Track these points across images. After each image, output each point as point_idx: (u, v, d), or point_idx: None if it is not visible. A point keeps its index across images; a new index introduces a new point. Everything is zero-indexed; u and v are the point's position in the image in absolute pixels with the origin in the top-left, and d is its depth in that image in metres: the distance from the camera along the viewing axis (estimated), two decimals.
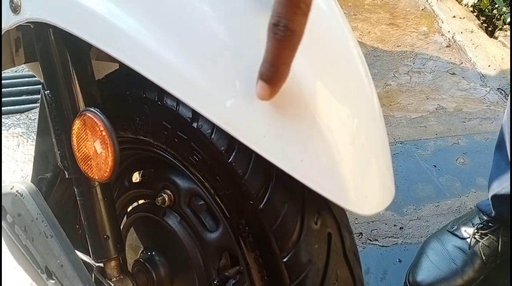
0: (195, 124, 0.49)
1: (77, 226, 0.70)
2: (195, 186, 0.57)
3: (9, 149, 1.52)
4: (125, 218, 0.69)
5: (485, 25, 2.10)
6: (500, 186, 0.94)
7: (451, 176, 1.31)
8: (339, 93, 0.44)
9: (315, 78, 0.42)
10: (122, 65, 0.68)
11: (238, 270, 0.58)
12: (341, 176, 0.40)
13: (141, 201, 0.69)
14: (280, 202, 0.45)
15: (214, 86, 0.41)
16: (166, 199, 0.59)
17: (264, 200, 0.45)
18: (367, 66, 0.49)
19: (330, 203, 0.48)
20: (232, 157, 0.46)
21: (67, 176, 0.55)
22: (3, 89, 1.81)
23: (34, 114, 1.67)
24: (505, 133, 0.92)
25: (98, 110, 0.47)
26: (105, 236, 0.56)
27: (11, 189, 0.58)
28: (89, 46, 0.58)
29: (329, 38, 0.47)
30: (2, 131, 1.60)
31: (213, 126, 0.48)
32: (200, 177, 0.51)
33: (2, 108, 1.72)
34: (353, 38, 0.49)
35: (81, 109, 0.50)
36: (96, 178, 0.48)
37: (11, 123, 1.63)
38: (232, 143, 0.47)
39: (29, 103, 1.75)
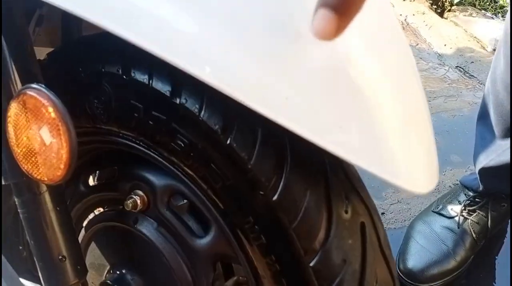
0: (177, 100, 0.37)
1: (21, 247, 0.56)
2: (175, 181, 0.45)
3: None
4: (82, 231, 0.55)
5: (434, 7, 2.11)
6: (488, 158, 0.89)
7: None
8: (386, 65, 0.35)
9: (357, 45, 0.33)
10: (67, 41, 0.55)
11: (236, 281, 0.47)
12: (391, 149, 0.30)
13: (100, 209, 0.56)
14: (299, 189, 0.35)
15: (213, 37, 0.29)
16: (138, 201, 0.46)
17: (279, 189, 0.35)
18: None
19: (357, 187, 0.38)
20: (231, 136, 0.35)
21: (3, 182, 0.41)
22: None
23: None
24: (489, 102, 0.88)
25: (42, 85, 0.34)
26: (60, 257, 0.43)
27: None
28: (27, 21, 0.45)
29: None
30: None
31: (202, 100, 0.36)
32: (186, 168, 0.40)
33: None
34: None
35: (18, 89, 0.37)
36: (46, 179, 0.35)
37: None
38: (230, 118, 0.36)
39: None
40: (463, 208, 0.96)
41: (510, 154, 0.81)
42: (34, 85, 0.34)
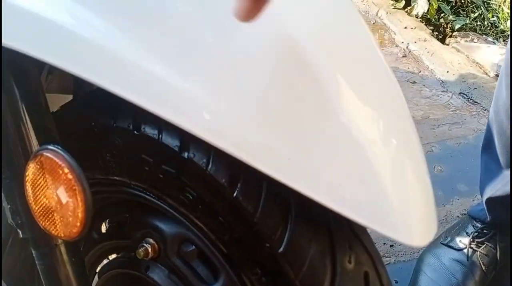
0: (185, 154, 0.39)
1: None
2: (184, 229, 0.47)
3: None
4: (95, 277, 0.56)
5: (436, 33, 2.15)
6: (494, 188, 0.89)
7: (431, 185, 1.27)
8: (375, 105, 0.37)
9: (344, 85, 0.35)
10: (80, 94, 0.58)
11: None
12: (390, 203, 0.31)
13: (113, 256, 0.57)
14: (304, 241, 0.36)
15: (215, 101, 0.32)
16: (149, 249, 0.48)
17: (284, 241, 0.36)
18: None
19: (360, 236, 0.39)
20: (237, 190, 0.37)
21: (21, 236, 0.43)
22: None
23: None
24: (493, 132, 0.89)
25: (58, 147, 0.36)
26: None
27: None
28: (39, 73, 0.48)
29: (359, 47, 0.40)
30: None
31: (209, 154, 0.38)
32: (195, 219, 0.41)
33: None
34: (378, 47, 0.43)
35: (35, 150, 0.39)
36: (62, 235, 0.37)
37: None
38: (236, 172, 0.37)
39: None
40: (472, 240, 0.96)
41: (510, 182, 0.82)
42: (51, 147, 0.36)
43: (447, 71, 1.79)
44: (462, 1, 2.29)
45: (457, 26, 2.11)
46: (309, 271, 0.36)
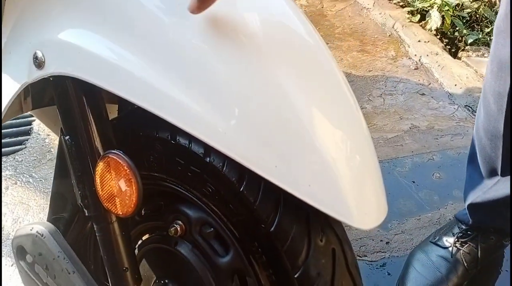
0: (207, 159, 0.54)
1: (89, 262, 0.74)
2: (205, 214, 0.62)
3: None
4: (136, 250, 0.73)
5: (448, 47, 2.25)
6: (475, 195, 1.02)
7: (429, 190, 1.40)
8: (333, 119, 0.51)
9: (312, 108, 0.49)
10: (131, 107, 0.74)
11: None
12: (344, 197, 0.46)
13: (147, 234, 0.73)
14: (288, 224, 0.51)
15: (227, 121, 0.46)
16: (178, 229, 0.64)
17: (275, 223, 0.51)
18: (352, 92, 0.56)
19: (332, 222, 0.54)
20: (243, 186, 0.52)
21: (86, 214, 0.59)
22: None
23: (21, 156, 1.69)
24: (475, 147, 1.01)
25: (121, 152, 0.52)
26: (124, 268, 0.60)
27: (31, 230, 0.62)
28: (101, 89, 0.64)
29: (317, 67, 0.53)
30: None
31: (224, 159, 0.53)
32: (213, 206, 0.57)
33: None
34: (337, 65, 0.56)
35: (101, 152, 0.56)
36: (121, 213, 0.53)
37: None
38: (243, 173, 0.52)
39: (14, 146, 1.77)
40: (456, 239, 1.08)
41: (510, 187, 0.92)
42: (115, 151, 0.53)
43: (455, 85, 1.90)
44: (477, 16, 2.38)
45: (470, 40, 2.21)
46: (291, 245, 0.50)
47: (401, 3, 2.50)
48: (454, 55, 2.21)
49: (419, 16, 2.35)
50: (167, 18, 0.49)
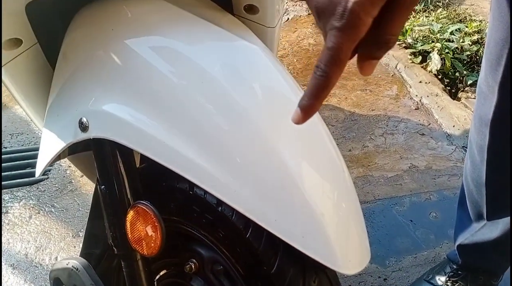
0: (219, 208, 0.65)
1: None
2: (216, 255, 0.72)
3: (22, 221, 1.64)
4: (155, 284, 0.82)
5: (449, 88, 2.36)
6: (464, 237, 1.10)
7: (426, 229, 1.48)
8: (320, 175, 0.61)
9: (303, 169, 0.60)
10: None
11: None
12: (331, 246, 0.56)
13: (165, 269, 0.83)
14: (286, 267, 0.61)
15: (235, 180, 0.57)
16: (193, 266, 0.74)
17: (275, 266, 0.61)
18: (335, 144, 0.67)
19: (324, 266, 0.63)
20: (249, 233, 0.62)
21: (115, 252, 0.70)
22: (11, 163, 1.95)
23: (44, 186, 1.81)
24: (465, 190, 1.10)
25: (148, 202, 0.63)
26: None
27: (67, 264, 0.72)
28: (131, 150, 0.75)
29: (305, 129, 0.63)
30: (14, 204, 1.72)
31: (234, 210, 0.64)
32: (223, 248, 0.67)
33: (12, 181, 1.85)
34: (322, 122, 0.67)
35: (132, 201, 0.66)
36: (146, 254, 0.63)
37: (22, 196, 1.76)
38: (248, 223, 0.63)
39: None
40: (448, 278, 1.16)
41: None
42: (143, 202, 0.63)
43: (453, 126, 2.00)
44: (477, 57, 2.50)
45: (469, 81, 2.32)
46: (289, 285, 0.60)
47: (404, 45, 2.63)
48: (455, 95, 2.32)
49: (420, 57, 2.47)
50: (191, 95, 0.61)
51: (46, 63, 0.80)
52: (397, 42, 2.69)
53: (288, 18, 3.15)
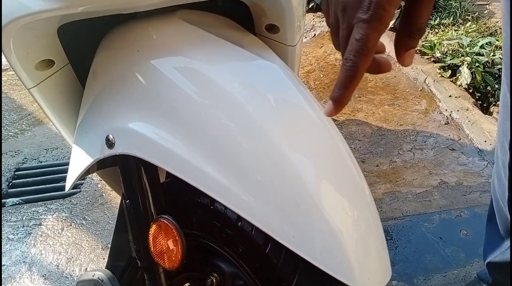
0: (239, 224, 0.66)
1: None
2: (237, 270, 0.73)
3: (54, 233, 1.69)
4: None
5: (480, 102, 2.30)
6: (493, 255, 1.07)
7: (456, 247, 1.44)
8: (340, 192, 0.61)
9: (322, 185, 0.60)
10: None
11: None
12: (349, 263, 0.56)
13: (187, 284, 0.84)
14: (305, 283, 0.61)
15: (254, 197, 0.58)
16: (214, 280, 0.75)
17: (294, 283, 0.61)
18: (355, 160, 0.67)
19: (342, 284, 0.63)
20: (268, 249, 0.63)
21: (139, 265, 0.72)
22: (45, 177, 2.03)
23: (76, 199, 1.87)
24: (494, 206, 1.07)
25: (170, 217, 0.64)
26: None
27: (93, 276, 0.75)
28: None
29: (324, 147, 0.64)
30: (47, 217, 1.78)
31: (253, 226, 0.65)
32: (243, 264, 0.68)
33: (46, 194, 1.92)
34: (342, 139, 0.67)
35: (155, 215, 0.68)
36: (167, 267, 0.65)
37: (55, 208, 1.82)
38: (268, 238, 0.63)
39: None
40: None
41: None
42: (165, 216, 0.65)
43: (485, 141, 1.94)
44: None
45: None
46: None
47: (432, 59, 2.59)
48: (486, 110, 2.26)
49: (450, 71, 2.43)
50: (211, 114, 0.62)
51: (77, 83, 0.84)
52: (426, 57, 2.66)
53: (314, 34, 3.17)
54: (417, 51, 2.71)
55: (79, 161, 0.75)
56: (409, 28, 0.43)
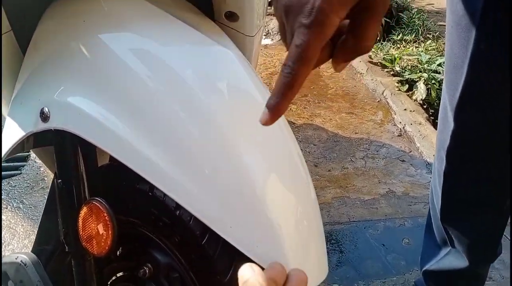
0: (177, 212, 0.63)
1: None
2: (172, 261, 0.70)
3: None
4: None
5: (432, 117, 2.38)
6: (429, 263, 1.09)
7: (397, 254, 1.47)
8: (284, 186, 0.60)
9: (267, 178, 0.58)
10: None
11: None
12: (286, 258, 0.54)
13: (120, 273, 0.80)
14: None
15: (195, 185, 0.55)
16: (147, 271, 0.71)
17: (229, 275, 0.59)
18: (304, 161, 0.66)
19: None
20: (205, 240, 0.60)
21: (67, 250, 0.67)
22: None
23: (15, 182, 1.77)
24: (432, 215, 1.09)
25: (103, 200, 0.60)
26: None
27: (16, 258, 0.69)
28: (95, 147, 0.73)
29: (272, 140, 0.63)
30: None
31: (192, 215, 0.62)
32: (178, 254, 0.65)
33: None
34: (294, 139, 0.66)
35: (87, 198, 0.64)
36: (96, 253, 0.61)
37: None
38: (205, 229, 0.61)
39: (10, 170, 1.85)
40: None
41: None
42: (98, 199, 0.61)
43: (434, 155, 2.00)
44: None
45: None
46: None
47: (392, 72, 2.66)
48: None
49: (407, 86, 2.50)
50: (160, 96, 0.59)
51: (19, 51, 0.78)
52: (386, 69, 2.72)
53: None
54: (378, 63, 2.78)
55: (12, 133, 0.70)
56: (355, 44, 0.40)
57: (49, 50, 0.68)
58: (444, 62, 2.50)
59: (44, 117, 0.63)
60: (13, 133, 0.69)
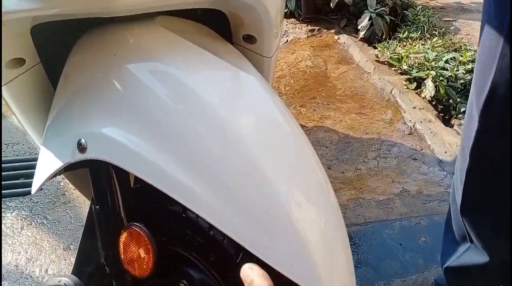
0: (211, 233, 0.66)
1: None
2: (207, 277, 0.73)
3: (14, 232, 1.64)
4: None
5: (442, 114, 2.40)
6: (450, 260, 1.12)
7: (415, 253, 1.50)
8: (309, 200, 0.63)
9: (293, 196, 0.62)
10: None
11: None
12: (318, 274, 0.58)
13: None
14: None
15: (227, 206, 0.59)
16: None
17: None
18: (322, 167, 0.69)
19: None
20: (239, 259, 0.64)
21: (107, 271, 0.71)
22: (5, 173, 1.96)
23: (37, 197, 1.81)
24: (451, 212, 1.12)
25: (142, 225, 0.64)
26: None
27: (59, 282, 0.73)
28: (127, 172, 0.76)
29: (295, 156, 0.66)
30: (6, 215, 1.72)
31: (225, 235, 0.65)
32: (214, 273, 0.68)
33: (6, 191, 1.85)
34: (311, 149, 0.69)
35: (126, 222, 0.68)
36: (138, 275, 0.64)
37: (15, 206, 1.76)
38: (239, 248, 0.64)
39: (30, 186, 1.89)
40: None
41: None
42: (137, 224, 0.65)
43: (445, 152, 2.03)
44: (470, 86, 2.54)
45: (462, 109, 2.36)
46: None
47: (399, 71, 2.68)
48: (447, 122, 2.36)
49: (415, 84, 2.51)
50: (186, 121, 0.63)
51: (48, 83, 0.82)
52: (393, 68, 2.74)
53: (287, 40, 3.20)
54: (385, 62, 2.80)
55: (48, 163, 0.74)
56: None
57: (81, 82, 0.72)
58: (451, 58, 2.49)
59: (82, 148, 0.67)
60: (50, 163, 0.73)
